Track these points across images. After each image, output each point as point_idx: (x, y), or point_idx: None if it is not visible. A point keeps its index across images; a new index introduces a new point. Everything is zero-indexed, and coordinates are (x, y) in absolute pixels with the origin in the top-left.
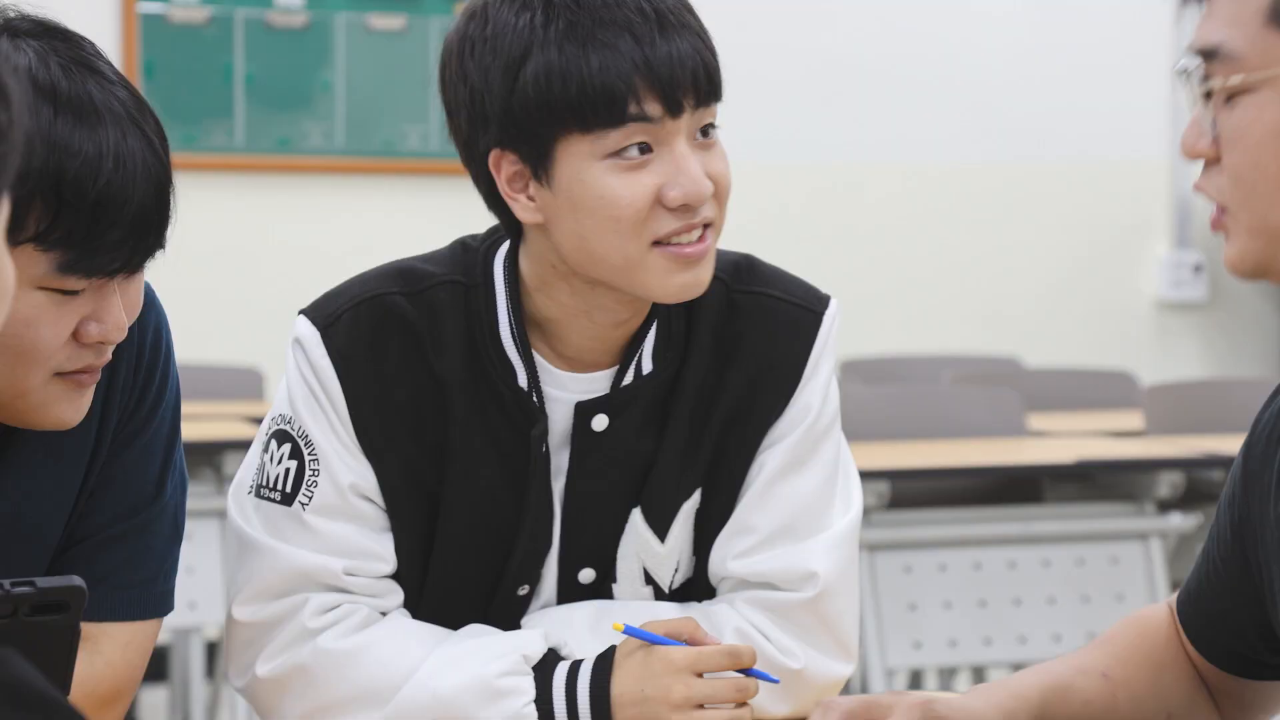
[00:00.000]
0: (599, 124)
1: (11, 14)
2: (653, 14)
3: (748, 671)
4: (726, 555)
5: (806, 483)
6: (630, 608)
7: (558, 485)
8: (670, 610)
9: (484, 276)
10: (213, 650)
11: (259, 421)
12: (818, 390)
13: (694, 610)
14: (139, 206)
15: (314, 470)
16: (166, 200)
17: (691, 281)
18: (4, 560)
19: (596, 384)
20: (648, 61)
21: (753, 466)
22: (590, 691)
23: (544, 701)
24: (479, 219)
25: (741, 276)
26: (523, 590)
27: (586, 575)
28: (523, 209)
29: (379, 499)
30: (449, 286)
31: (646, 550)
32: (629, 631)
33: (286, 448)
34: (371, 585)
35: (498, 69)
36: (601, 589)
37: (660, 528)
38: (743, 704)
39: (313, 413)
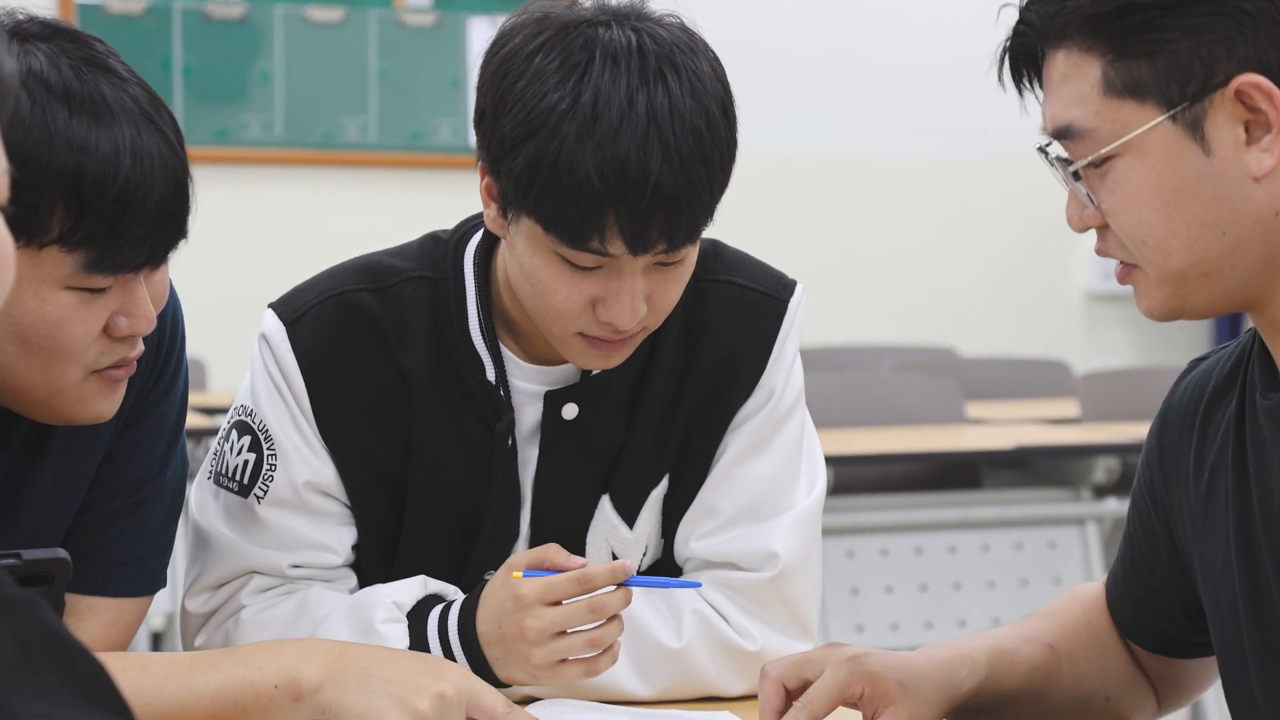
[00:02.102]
0: (559, 237)
1: (20, 17)
2: (658, 150)
3: (627, 583)
4: (689, 536)
5: (768, 464)
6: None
7: (526, 476)
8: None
9: (454, 270)
10: (156, 641)
11: (204, 412)
12: (780, 374)
13: (655, 591)
14: (159, 200)
15: (271, 465)
16: (185, 192)
17: (602, 364)
18: (36, 539)
19: (564, 375)
20: (628, 207)
21: (717, 449)
22: (459, 632)
23: (419, 645)
24: (417, 211)
25: (708, 264)
26: (487, 576)
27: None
28: (492, 219)
29: (339, 494)
30: (417, 282)
31: (615, 536)
32: (526, 574)
33: (246, 440)
34: (319, 575)
35: (507, 123)
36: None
37: (629, 514)
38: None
39: (274, 408)
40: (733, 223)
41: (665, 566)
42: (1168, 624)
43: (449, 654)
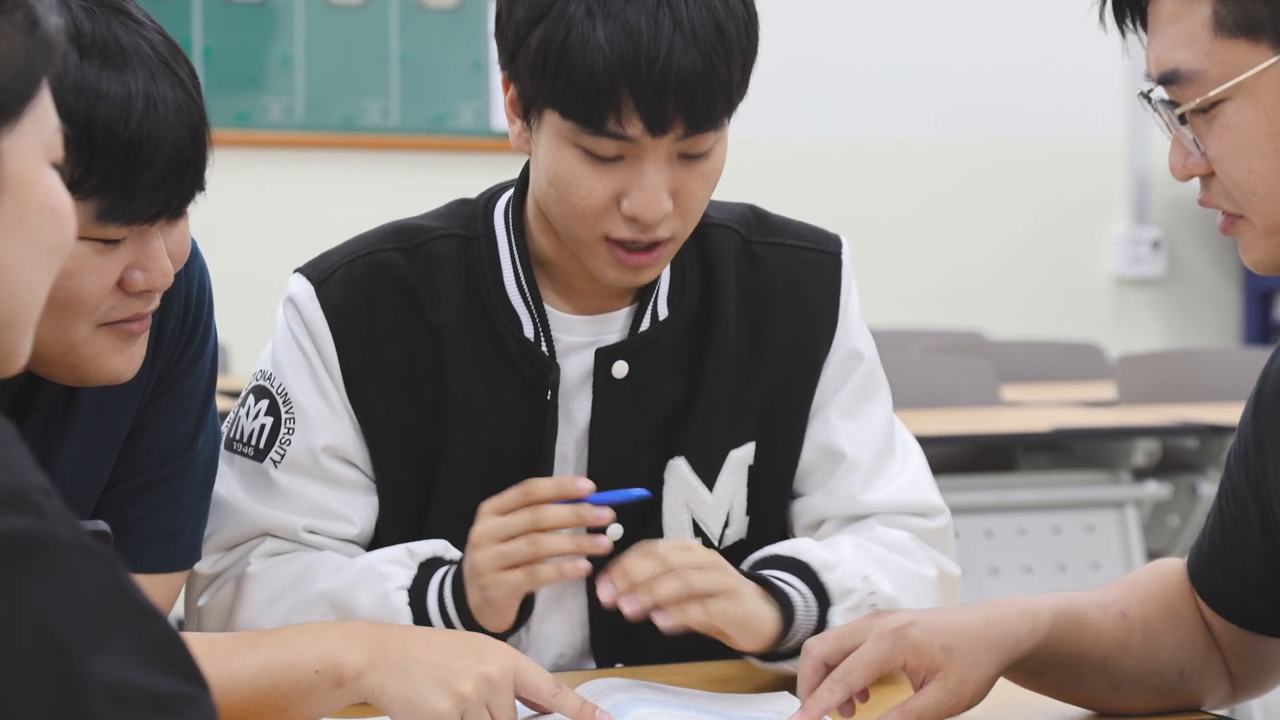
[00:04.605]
0: (577, 121)
1: None
2: (669, 19)
3: (587, 499)
4: (844, 492)
5: (882, 411)
6: None
7: (574, 437)
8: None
9: (485, 227)
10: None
11: (227, 395)
12: (857, 330)
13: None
14: (173, 148)
15: (289, 429)
16: (202, 142)
17: (630, 280)
18: None
19: (609, 326)
20: (640, 80)
21: (807, 412)
22: (453, 586)
23: (419, 591)
24: (439, 194)
25: (754, 228)
26: None
27: (614, 531)
28: (516, 135)
29: (362, 462)
30: (447, 240)
31: (695, 499)
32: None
33: (264, 404)
34: (333, 546)
35: (520, 10)
36: (629, 545)
37: (707, 476)
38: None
39: (296, 370)
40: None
41: (753, 546)
42: (1257, 599)
43: (444, 611)
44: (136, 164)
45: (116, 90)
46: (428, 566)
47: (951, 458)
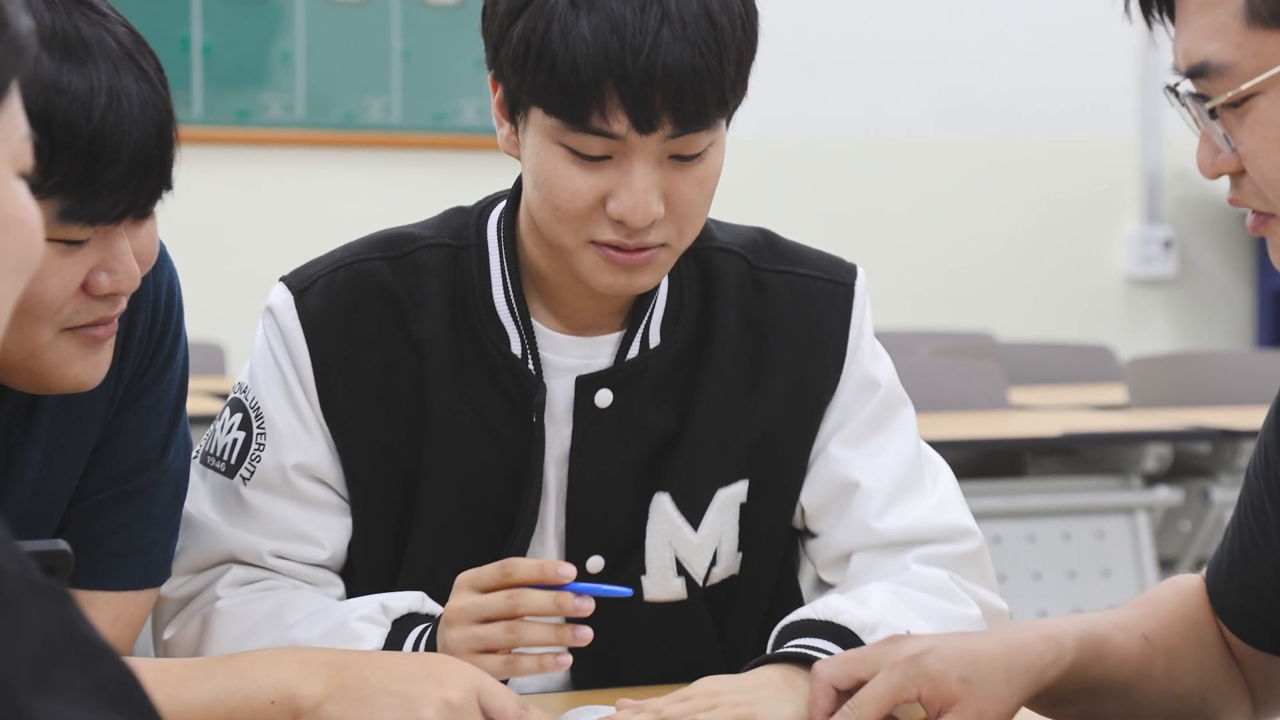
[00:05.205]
0: (560, 117)
1: None
2: (657, 10)
3: (568, 587)
4: (859, 520)
5: (900, 442)
6: None
7: (557, 464)
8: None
9: (477, 237)
10: None
11: (222, 397)
12: (871, 361)
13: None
14: (137, 144)
15: (260, 445)
16: (169, 138)
17: (624, 284)
18: (26, 531)
19: (599, 350)
20: (625, 72)
21: (808, 451)
22: (427, 647)
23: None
24: (441, 193)
25: (763, 254)
26: None
27: (595, 563)
28: (504, 138)
29: (335, 481)
30: (435, 249)
31: (678, 539)
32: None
33: (238, 418)
34: (302, 572)
35: (504, 4)
36: (610, 580)
37: (694, 514)
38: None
39: (270, 383)
40: (763, 208)
41: (744, 583)
42: (1277, 617)
43: None
44: (99, 161)
45: (78, 84)
46: (402, 625)
47: (959, 463)
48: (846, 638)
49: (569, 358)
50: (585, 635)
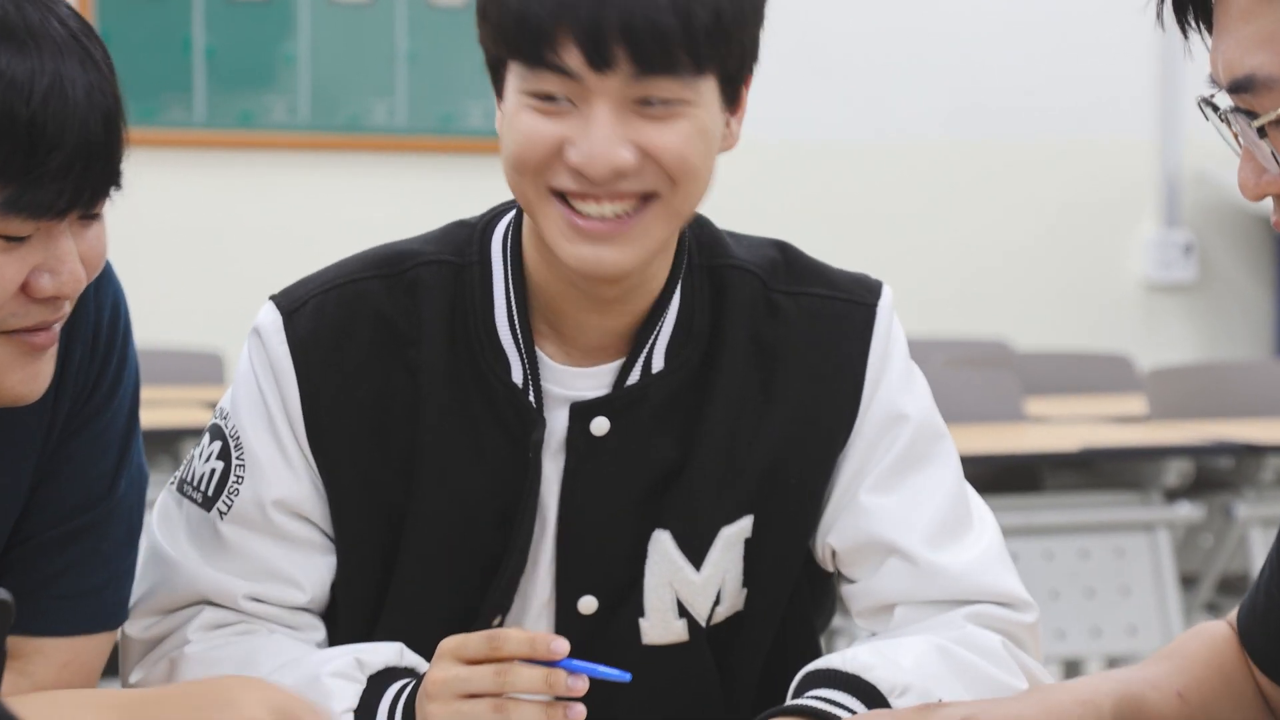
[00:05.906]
0: (521, 59)
1: None
2: None
3: (561, 664)
4: (901, 572)
5: (934, 481)
6: None
7: (551, 498)
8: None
9: (480, 255)
10: None
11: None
12: (895, 387)
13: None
14: (82, 133)
15: (238, 478)
16: (116, 127)
17: (591, 258)
18: None
19: (602, 381)
20: (574, 4)
21: (823, 488)
22: (404, 710)
23: (368, 711)
24: (447, 196)
25: (779, 274)
26: (496, 621)
27: (587, 604)
28: (498, 120)
29: (318, 516)
30: (435, 266)
31: (679, 579)
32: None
33: (217, 445)
34: (280, 615)
35: None
36: (605, 622)
37: (696, 553)
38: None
39: (253, 411)
40: (774, 211)
41: (751, 618)
42: None
43: None
44: (40, 148)
45: (17, 70)
46: (378, 681)
47: (974, 477)
48: (872, 696)
49: (569, 390)
50: (578, 715)
